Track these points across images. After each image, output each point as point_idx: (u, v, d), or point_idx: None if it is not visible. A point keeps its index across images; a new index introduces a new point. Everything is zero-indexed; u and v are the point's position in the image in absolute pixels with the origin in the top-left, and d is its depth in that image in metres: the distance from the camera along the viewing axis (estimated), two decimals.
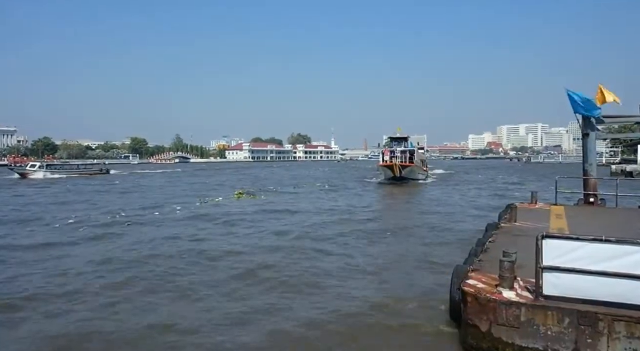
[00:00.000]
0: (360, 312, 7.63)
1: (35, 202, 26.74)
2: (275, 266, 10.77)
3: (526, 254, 6.70)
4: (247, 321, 7.30)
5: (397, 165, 39.99)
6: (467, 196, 30.07)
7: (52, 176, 56.77)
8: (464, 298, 5.93)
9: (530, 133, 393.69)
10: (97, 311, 7.84)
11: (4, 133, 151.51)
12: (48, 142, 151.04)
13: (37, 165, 59.26)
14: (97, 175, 64.85)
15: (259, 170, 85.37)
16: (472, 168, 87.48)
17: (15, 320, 7.51)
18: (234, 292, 8.89)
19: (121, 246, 13.38)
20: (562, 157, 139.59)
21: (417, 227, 16.86)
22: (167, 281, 9.58)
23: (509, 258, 5.85)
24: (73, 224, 17.64)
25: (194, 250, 12.70)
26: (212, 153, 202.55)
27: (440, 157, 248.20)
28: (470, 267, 6.91)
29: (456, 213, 20.83)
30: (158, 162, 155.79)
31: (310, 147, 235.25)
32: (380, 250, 12.95)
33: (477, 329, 5.73)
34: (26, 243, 13.94)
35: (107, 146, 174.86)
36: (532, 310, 5.34)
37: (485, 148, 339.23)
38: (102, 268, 10.70)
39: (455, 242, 13.43)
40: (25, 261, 11.55)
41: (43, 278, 9.87)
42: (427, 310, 7.68)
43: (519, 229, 10.25)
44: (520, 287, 5.84)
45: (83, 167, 71.41)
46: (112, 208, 22.86)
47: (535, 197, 15.07)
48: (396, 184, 39.78)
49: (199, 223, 17.86)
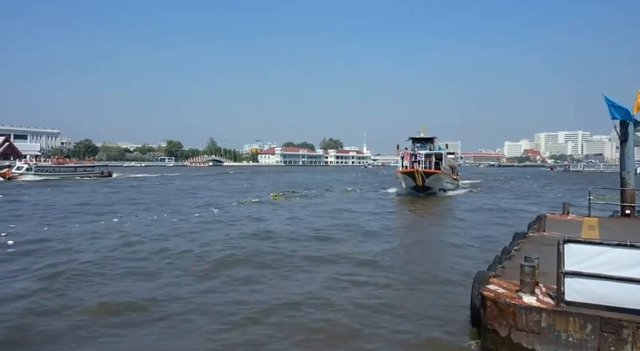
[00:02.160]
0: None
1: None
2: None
3: (551, 263, 6.57)
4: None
5: (419, 171, 31.89)
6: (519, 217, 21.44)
7: (38, 178, 54.28)
8: (484, 303, 5.89)
9: (570, 141, 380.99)
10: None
11: (49, 135, 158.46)
12: (89, 144, 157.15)
13: (24, 168, 56.74)
14: (97, 177, 62.36)
15: (275, 175, 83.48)
16: (512, 176, 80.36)
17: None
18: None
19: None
20: (603, 166, 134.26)
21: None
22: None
23: (530, 263, 5.78)
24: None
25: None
26: (244, 157, 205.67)
27: (474, 164, 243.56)
28: (492, 273, 6.84)
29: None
30: (193, 164, 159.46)
31: (341, 152, 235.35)
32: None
33: (497, 334, 5.67)
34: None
35: (145, 148, 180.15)
36: (553, 315, 5.25)
37: (522, 155, 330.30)
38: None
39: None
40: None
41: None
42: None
43: (547, 239, 10.00)
44: (541, 293, 5.76)
45: (82, 169, 66.75)
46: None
47: (567, 207, 14.62)
48: (418, 197, 32.29)
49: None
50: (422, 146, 36.73)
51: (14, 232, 15.98)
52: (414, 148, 36.48)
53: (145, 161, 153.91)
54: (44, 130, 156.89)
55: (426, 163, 33.42)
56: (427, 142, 37.28)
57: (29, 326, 7.11)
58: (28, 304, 8.10)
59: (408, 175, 33.14)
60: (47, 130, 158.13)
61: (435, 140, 37.54)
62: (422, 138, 37.48)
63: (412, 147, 36.74)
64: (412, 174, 32.50)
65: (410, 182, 33.13)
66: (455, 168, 42.55)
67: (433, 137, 37.48)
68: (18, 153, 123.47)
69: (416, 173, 31.90)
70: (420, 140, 37.46)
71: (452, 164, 40.62)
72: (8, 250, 12.84)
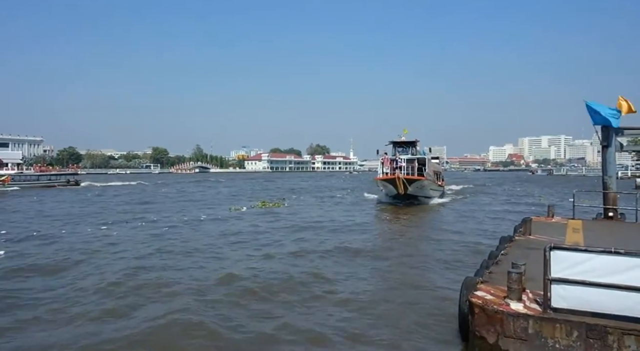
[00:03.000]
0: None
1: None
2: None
3: (538, 267, 6.63)
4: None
5: (400, 178, 28.85)
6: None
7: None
8: (472, 310, 5.90)
9: (553, 146, 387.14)
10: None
11: (31, 143, 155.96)
12: (73, 151, 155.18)
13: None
14: (63, 186, 57.79)
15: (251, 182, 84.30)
16: (499, 182, 78.66)
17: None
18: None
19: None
20: (585, 170, 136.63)
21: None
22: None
23: (517, 270, 5.80)
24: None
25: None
26: (231, 164, 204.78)
27: (460, 169, 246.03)
28: (480, 279, 6.86)
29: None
30: (178, 171, 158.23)
31: (329, 157, 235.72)
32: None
33: (485, 341, 5.68)
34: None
35: (130, 156, 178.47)
36: (540, 322, 5.28)
37: (507, 160, 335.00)
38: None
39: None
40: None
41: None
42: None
43: (533, 242, 10.10)
44: (528, 299, 5.78)
45: (46, 178, 62.39)
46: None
47: (552, 210, 14.83)
48: (399, 207, 29.14)
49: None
50: (403, 150, 33.48)
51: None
52: (395, 152, 33.07)
53: (130, 168, 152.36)
54: (25, 138, 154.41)
55: (408, 169, 30.65)
56: (409, 146, 33.99)
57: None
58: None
59: (388, 182, 30.20)
60: (29, 138, 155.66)
61: (418, 144, 34.41)
62: (404, 142, 34.09)
63: (393, 152, 33.43)
64: (392, 181, 29.47)
65: (391, 189, 30.44)
66: (440, 173, 39.96)
67: (415, 141, 34.28)
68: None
69: (397, 181, 28.93)
70: (402, 144, 34.05)
71: (436, 169, 38.01)
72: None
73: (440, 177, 38.94)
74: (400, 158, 31.12)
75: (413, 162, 31.32)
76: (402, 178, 28.93)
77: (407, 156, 31.98)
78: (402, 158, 31.12)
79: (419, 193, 30.62)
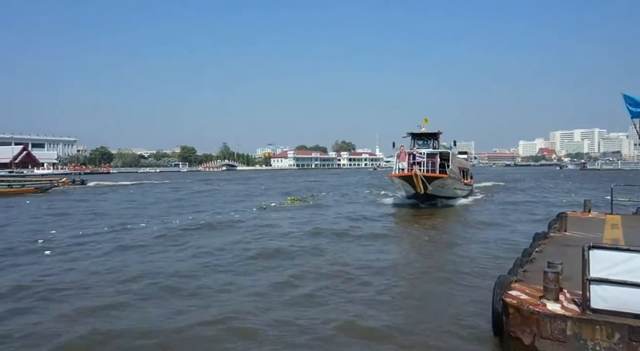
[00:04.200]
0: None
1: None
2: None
3: (575, 265, 6.42)
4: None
5: (418, 176, 24.48)
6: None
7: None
8: (506, 310, 5.75)
9: (587, 139, 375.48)
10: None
11: (65, 143, 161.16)
12: (105, 151, 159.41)
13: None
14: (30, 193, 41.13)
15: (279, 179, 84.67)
16: (534, 177, 73.32)
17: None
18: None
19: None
20: (621, 164, 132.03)
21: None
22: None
23: (554, 269, 5.63)
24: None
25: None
26: (257, 161, 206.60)
27: (488, 164, 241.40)
28: (514, 278, 6.68)
29: None
30: (206, 169, 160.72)
31: (354, 154, 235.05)
32: None
33: (520, 342, 5.53)
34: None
35: (159, 154, 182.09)
36: (579, 324, 5.10)
37: (537, 155, 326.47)
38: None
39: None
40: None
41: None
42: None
43: (569, 239, 9.79)
44: (566, 299, 5.60)
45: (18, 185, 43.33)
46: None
47: (589, 205, 14.36)
48: (418, 209, 25.26)
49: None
50: (424, 144, 29.56)
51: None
52: (413, 146, 29.22)
53: (159, 167, 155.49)
54: (60, 139, 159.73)
55: (428, 165, 26.36)
56: (430, 138, 29.91)
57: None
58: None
59: (405, 180, 25.87)
60: (63, 138, 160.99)
61: (440, 137, 30.20)
62: (424, 134, 29.96)
63: (412, 145, 29.53)
64: (409, 179, 25.15)
65: (409, 189, 26.13)
66: (467, 170, 35.36)
67: (438, 132, 30.04)
68: (36, 161, 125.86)
69: (415, 179, 24.52)
70: (422, 136, 29.95)
71: (463, 166, 33.60)
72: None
73: (467, 174, 34.79)
74: (420, 153, 26.98)
75: (434, 156, 27.44)
76: (420, 176, 24.63)
77: (427, 150, 27.93)
78: (421, 153, 26.98)
79: (440, 193, 26.63)
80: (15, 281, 10.08)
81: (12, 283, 9.85)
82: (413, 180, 24.71)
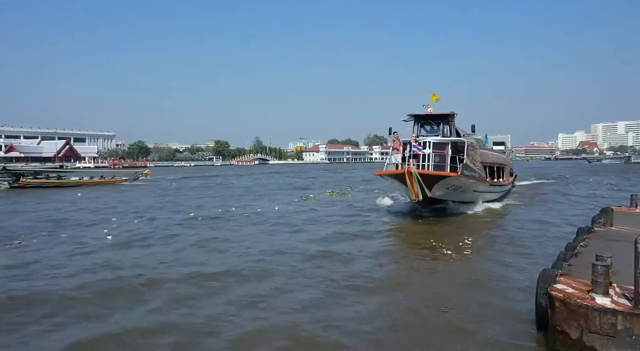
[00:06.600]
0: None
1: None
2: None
3: (623, 260, 6.23)
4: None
5: (413, 175, 16.73)
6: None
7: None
8: (552, 303, 5.63)
9: (631, 132, 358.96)
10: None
11: (105, 137, 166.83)
12: (142, 145, 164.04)
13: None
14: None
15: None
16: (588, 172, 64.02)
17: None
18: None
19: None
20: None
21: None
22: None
23: (603, 262, 5.45)
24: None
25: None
26: (289, 155, 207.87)
27: (525, 158, 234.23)
28: (559, 271, 6.52)
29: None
30: (239, 163, 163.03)
31: (386, 148, 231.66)
32: None
33: (567, 336, 5.40)
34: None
35: (193, 149, 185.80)
36: (631, 318, 4.94)
37: (578, 148, 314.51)
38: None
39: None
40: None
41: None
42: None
43: (615, 234, 9.46)
44: (616, 293, 5.43)
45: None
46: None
47: (636, 200, 13.80)
48: (427, 219, 17.72)
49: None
50: (431, 130, 20.85)
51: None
52: (418, 132, 20.73)
53: (194, 161, 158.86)
54: (100, 133, 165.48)
55: (435, 158, 19.15)
56: (439, 121, 20.69)
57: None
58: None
59: (397, 179, 18.08)
60: (103, 133, 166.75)
61: (454, 119, 20.63)
62: (431, 116, 20.74)
63: (416, 132, 20.74)
64: (401, 179, 17.33)
65: (407, 191, 17.88)
66: (504, 166, 28.18)
67: (451, 114, 20.49)
68: (78, 155, 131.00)
69: (408, 178, 16.85)
70: (429, 119, 20.87)
71: (497, 161, 26.33)
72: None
73: (503, 171, 27.65)
74: (425, 142, 19.22)
75: (443, 147, 19.45)
76: (415, 174, 16.76)
77: (434, 138, 19.79)
78: (427, 142, 19.28)
79: (449, 197, 18.80)
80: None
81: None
82: (405, 179, 17.03)
